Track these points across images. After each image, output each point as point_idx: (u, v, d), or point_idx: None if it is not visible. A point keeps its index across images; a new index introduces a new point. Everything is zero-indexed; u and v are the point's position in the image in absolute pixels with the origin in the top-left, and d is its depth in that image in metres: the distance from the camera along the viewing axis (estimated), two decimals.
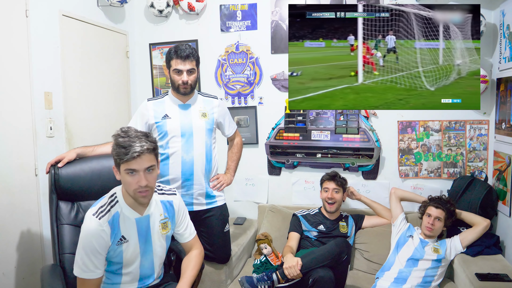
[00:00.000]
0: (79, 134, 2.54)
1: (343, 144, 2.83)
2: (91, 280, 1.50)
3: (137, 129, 1.54)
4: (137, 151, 1.43)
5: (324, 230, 2.49)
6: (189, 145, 2.13)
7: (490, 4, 2.58)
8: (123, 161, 1.45)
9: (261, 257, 2.52)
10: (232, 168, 2.40)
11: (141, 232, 1.60)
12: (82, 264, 1.49)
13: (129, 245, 1.57)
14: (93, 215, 1.51)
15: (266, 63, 3.01)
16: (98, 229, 1.49)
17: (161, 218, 1.65)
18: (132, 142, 1.44)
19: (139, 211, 1.59)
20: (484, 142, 2.69)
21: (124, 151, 1.44)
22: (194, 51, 2.10)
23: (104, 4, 2.77)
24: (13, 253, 2.09)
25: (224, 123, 2.30)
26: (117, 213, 1.55)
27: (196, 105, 2.20)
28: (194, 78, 2.12)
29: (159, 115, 2.14)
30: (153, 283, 1.71)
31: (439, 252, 2.23)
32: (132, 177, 1.47)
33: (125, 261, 1.58)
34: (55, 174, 1.80)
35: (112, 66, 2.93)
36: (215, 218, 2.24)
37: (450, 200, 2.36)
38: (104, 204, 1.55)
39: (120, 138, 1.47)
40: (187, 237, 1.75)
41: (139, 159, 1.45)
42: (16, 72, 2.12)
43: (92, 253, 1.48)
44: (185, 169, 2.13)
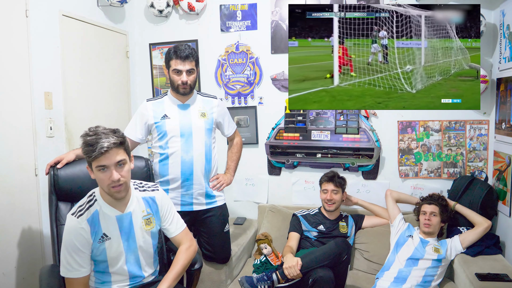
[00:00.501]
0: (79, 134, 2.47)
1: (343, 144, 2.83)
2: (77, 279, 1.53)
3: (105, 127, 1.55)
4: (105, 146, 1.45)
5: (324, 230, 2.49)
6: (189, 145, 2.13)
7: (490, 4, 2.57)
8: (92, 159, 1.47)
9: (261, 257, 2.52)
10: (232, 168, 2.39)
11: (124, 230, 1.61)
12: (66, 263, 1.52)
13: (111, 243, 1.59)
14: (72, 214, 1.55)
15: (266, 63, 3.01)
16: (77, 226, 1.52)
17: (143, 215, 1.67)
18: (99, 139, 1.46)
19: (120, 208, 1.61)
20: (484, 142, 2.69)
21: (91, 148, 1.46)
22: (193, 51, 2.10)
23: (104, 4, 2.77)
24: (13, 253, 2.09)
25: (223, 123, 2.30)
26: (96, 211, 1.57)
27: (196, 105, 2.19)
28: (194, 78, 2.12)
29: (158, 115, 2.14)
30: (147, 281, 1.72)
31: (439, 252, 2.23)
32: (104, 174, 1.50)
33: (109, 259, 1.60)
34: (55, 175, 1.80)
35: (112, 66, 2.93)
36: (215, 218, 2.24)
37: (440, 196, 2.42)
38: (82, 203, 1.59)
39: (87, 136, 1.49)
40: (173, 232, 1.76)
41: (108, 154, 1.47)
42: (16, 72, 2.12)
43: (74, 251, 1.51)
44: (185, 169, 2.13)
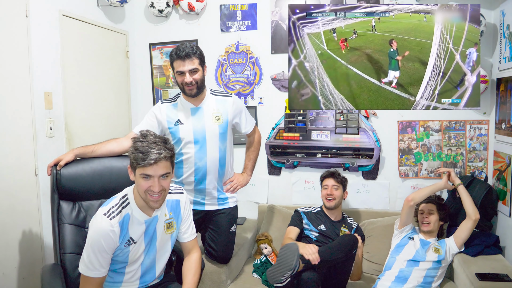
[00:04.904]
0: (79, 134, 2.54)
1: (343, 144, 2.83)
2: (96, 278, 1.51)
3: (155, 134, 1.53)
4: (154, 158, 1.44)
5: (325, 230, 2.44)
6: (203, 152, 2.09)
7: (490, 4, 2.58)
8: (139, 166, 1.46)
9: (261, 257, 2.53)
10: (249, 168, 2.36)
11: (148, 233, 1.61)
12: (88, 262, 1.50)
13: (135, 246, 1.58)
14: (104, 214, 1.51)
15: (266, 63, 3.01)
16: (108, 229, 1.49)
17: (166, 218, 1.66)
18: (151, 148, 1.45)
19: (148, 212, 1.59)
20: (484, 142, 2.69)
21: (142, 156, 1.44)
22: (194, 49, 2.01)
23: (104, 4, 2.77)
24: (13, 253, 2.09)
25: (240, 121, 2.23)
26: (128, 214, 1.55)
27: (209, 108, 2.13)
28: (199, 77, 2.03)
29: (172, 120, 2.10)
30: (153, 283, 1.71)
31: (439, 253, 2.23)
32: (146, 181, 1.48)
33: (130, 260, 1.59)
34: (57, 174, 1.80)
35: (112, 66, 2.93)
36: (224, 216, 2.23)
37: (437, 195, 2.44)
38: (115, 204, 1.55)
39: (138, 142, 1.47)
40: (187, 237, 1.75)
41: (156, 166, 1.45)
42: (16, 72, 2.12)
43: (100, 252, 1.49)
44: (198, 174, 2.12)
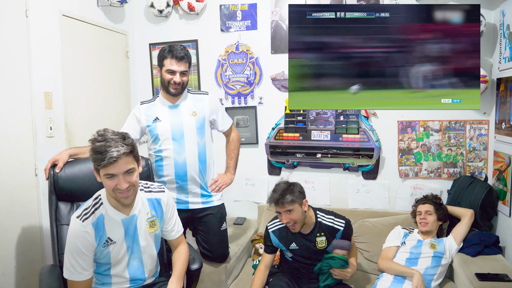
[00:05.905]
0: (79, 134, 2.54)
1: (343, 144, 2.82)
2: (80, 282, 1.52)
3: (114, 131, 1.51)
4: (114, 156, 1.40)
5: (296, 248, 2.07)
6: (181, 147, 2.13)
7: (490, 4, 2.57)
8: (101, 167, 1.43)
9: (259, 258, 2.53)
10: (232, 166, 2.38)
11: (128, 232, 1.60)
12: (70, 266, 1.51)
13: (116, 246, 1.58)
14: (77, 217, 1.53)
15: (266, 63, 3.01)
16: (81, 230, 1.50)
17: (148, 217, 1.65)
18: (108, 147, 1.41)
19: (125, 211, 1.59)
20: (484, 142, 2.69)
21: (100, 156, 1.41)
22: (188, 53, 2.11)
23: (104, 4, 2.77)
24: (13, 253, 2.09)
25: (217, 119, 2.27)
26: (102, 215, 1.55)
27: (186, 104, 2.18)
28: (187, 79, 2.13)
29: (150, 118, 2.14)
30: (148, 282, 1.71)
31: (435, 248, 2.25)
32: (111, 181, 1.46)
33: (112, 262, 1.59)
34: (54, 175, 1.80)
35: (112, 66, 2.93)
36: (212, 216, 2.24)
37: (434, 195, 2.53)
38: (88, 206, 1.56)
39: (96, 142, 1.44)
40: (175, 235, 1.76)
41: (117, 163, 1.43)
42: (16, 72, 2.12)
43: (78, 254, 1.50)
44: (178, 170, 2.14)
